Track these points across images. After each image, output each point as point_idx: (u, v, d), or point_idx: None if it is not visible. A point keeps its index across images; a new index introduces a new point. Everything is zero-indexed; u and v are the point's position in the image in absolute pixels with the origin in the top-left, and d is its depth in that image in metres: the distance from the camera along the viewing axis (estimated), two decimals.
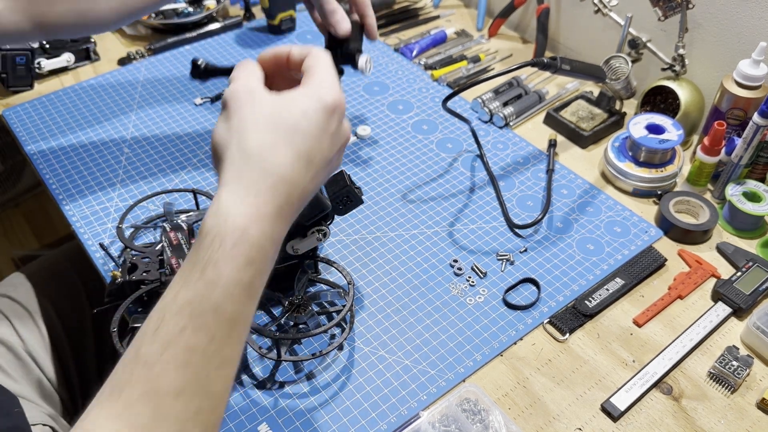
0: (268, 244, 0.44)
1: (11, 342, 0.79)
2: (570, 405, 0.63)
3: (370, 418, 0.61)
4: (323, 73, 0.48)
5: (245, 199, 0.43)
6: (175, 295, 0.41)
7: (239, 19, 1.14)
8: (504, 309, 0.71)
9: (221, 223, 0.42)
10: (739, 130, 0.84)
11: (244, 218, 0.42)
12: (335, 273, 0.72)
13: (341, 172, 0.66)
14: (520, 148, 0.92)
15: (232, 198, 0.43)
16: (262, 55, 0.52)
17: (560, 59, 0.77)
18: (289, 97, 0.46)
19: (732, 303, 0.71)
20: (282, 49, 0.52)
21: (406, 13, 1.18)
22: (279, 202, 0.44)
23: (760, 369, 0.66)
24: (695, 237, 0.78)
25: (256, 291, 0.44)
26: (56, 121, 0.94)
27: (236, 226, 0.42)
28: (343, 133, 0.49)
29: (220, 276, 0.41)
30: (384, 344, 0.68)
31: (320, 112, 0.46)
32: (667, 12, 0.86)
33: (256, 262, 0.43)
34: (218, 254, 0.41)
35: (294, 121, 0.45)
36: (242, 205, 0.42)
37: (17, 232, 1.71)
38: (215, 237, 0.42)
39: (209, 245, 0.42)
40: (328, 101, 0.46)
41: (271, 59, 0.52)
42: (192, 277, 0.41)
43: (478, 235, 0.79)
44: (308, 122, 0.45)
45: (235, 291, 0.42)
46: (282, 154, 0.44)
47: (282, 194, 0.44)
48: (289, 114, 0.45)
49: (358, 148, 0.91)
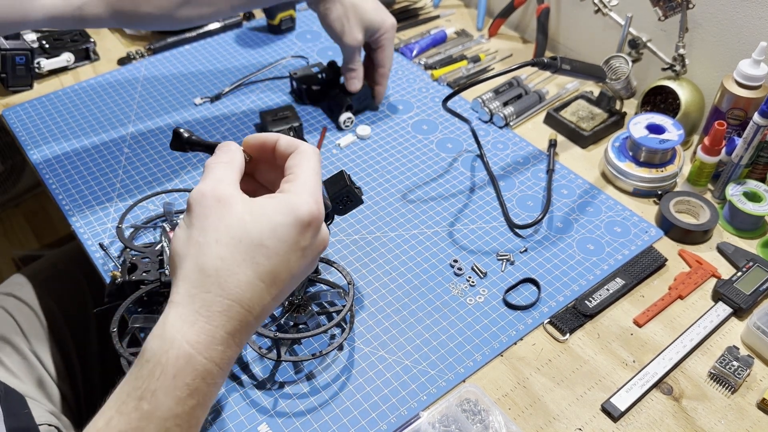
0: (216, 371, 0.40)
1: (17, 342, 0.79)
2: (570, 405, 0.63)
3: (370, 419, 0.61)
4: (304, 178, 0.44)
5: (195, 324, 0.39)
6: (108, 422, 0.39)
7: (239, 19, 1.14)
8: (504, 309, 0.71)
9: (166, 349, 0.39)
10: (740, 130, 0.83)
11: (190, 346, 0.39)
12: (335, 273, 0.72)
13: (341, 172, 0.66)
14: (520, 148, 0.91)
15: (180, 322, 0.40)
16: (248, 140, 0.49)
17: (560, 59, 0.77)
18: (259, 208, 0.42)
19: (732, 303, 0.71)
20: (269, 137, 0.48)
21: (406, 12, 1.18)
22: (233, 327, 0.41)
23: (760, 369, 0.66)
24: (695, 237, 0.78)
25: (197, 421, 0.41)
26: (56, 121, 0.94)
27: (181, 354, 0.39)
28: (317, 245, 0.45)
29: (157, 408, 0.38)
30: (384, 344, 0.67)
31: (291, 227, 0.42)
32: (667, 12, 0.86)
33: (199, 393, 0.40)
34: (157, 383, 0.39)
35: (260, 238, 0.41)
36: (191, 331, 0.39)
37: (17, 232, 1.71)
38: (156, 364, 0.39)
39: (149, 373, 0.39)
40: (302, 216, 0.42)
41: (257, 146, 0.49)
42: (127, 406, 0.39)
43: (478, 235, 0.79)
44: (276, 239, 0.41)
45: (171, 424, 0.39)
46: (242, 274, 0.41)
47: (237, 319, 0.41)
48: (256, 230, 0.41)
49: (358, 148, 0.91)
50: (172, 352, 0.39)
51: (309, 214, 0.43)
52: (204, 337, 0.39)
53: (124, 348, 0.61)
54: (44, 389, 0.79)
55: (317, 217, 0.43)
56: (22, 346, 0.79)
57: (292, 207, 0.42)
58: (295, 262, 0.43)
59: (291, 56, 1.07)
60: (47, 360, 0.80)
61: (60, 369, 0.81)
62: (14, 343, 0.79)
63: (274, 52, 1.08)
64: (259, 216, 0.42)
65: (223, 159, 0.45)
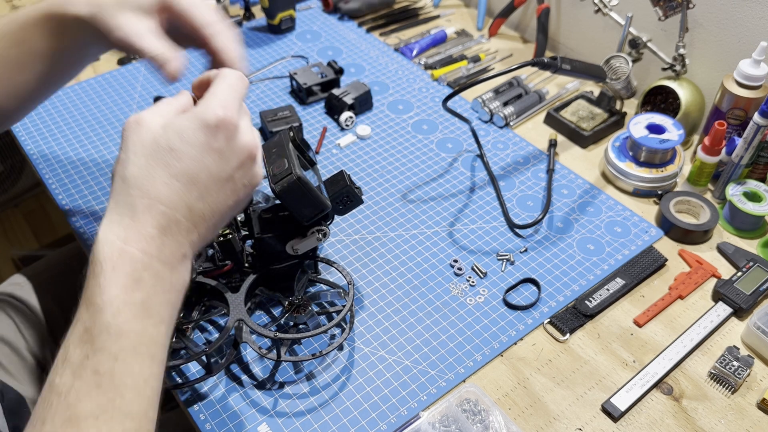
0: (158, 264, 0.44)
1: (15, 343, 0.79)
2: (570, 405, 0.63)
3: (370, 419, 0.61)
4: (216, 90, 0.47)
5: (121, 223, 0.43)
6: (74, 326, 0.42)
7: (239, 19, 1.14)
8: (504, 309, 0.71)
9: (101, 250, 0.42)
10: (740, 129, 0.83)
11: (121, 240, 0.43)
12: (335, 273, 0.72)
13: (341, 172, 0.66)
14: (521, 148, 0.91)
15: (109, 225, 0.43)
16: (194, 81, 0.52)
17: (560, 59, 0.77)
18: (171, 122, 0.46)
19: (732, 303, 0.70)
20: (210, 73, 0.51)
21: (406, 12, 1.18)
22: (159, 223, 0.44)
23: (760, 369, 0.66)
24: (696, 237, 0.78)
25: (156, 311, 0.44)
26: (56, 121, 0.94)
27: (114, 249, 0.42)
28: (238, 149, 0.47)
29: (106, 299, 0.42)
30: (384, 344, 0.67)
31: (198, 130, 0.45)
32: (667, 12, 0.86)
33: (145, 282, 0.43)
34: (101, 279, 0.42)
35: (168, 144, 0.45)
36: (118, 229, 0.43)
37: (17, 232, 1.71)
38: (95, 264, 0.42)
39: (92, 273, 0.42)
40: (207, 118, 0.45)
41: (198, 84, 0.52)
42: (83, 306, 0.42)
43: (478, 235, 0.79)
44: (184, 143, 0.45)
45: (125, 310, 0.42)
46: (157, 177, 0.44)
47: (161, 215, 0.44)
48: (165, 138, 0.45)
49: (358, 148, 0.91)
50: (106, 249, 0.42)
51: (214, 116, 0.45)
52: (133, 233, 0.43)
53: None
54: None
55: (224, 119, 0.46)
56: (21, 347, 0.79)
57: (198, 113, 0.46)
58: (213, 163, 0.46)
59: (291, 56, 1.07)
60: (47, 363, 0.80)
61: None
62: (13, 344, 0.79)
63: (273, 52, 1.08)
64: (169, 127, 0.45)
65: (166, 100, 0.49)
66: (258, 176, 0.50)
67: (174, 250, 0.45)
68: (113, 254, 0.42)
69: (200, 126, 0.45)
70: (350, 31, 1.14)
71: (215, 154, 0.46)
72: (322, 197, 0.63)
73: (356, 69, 1.05)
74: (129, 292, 0.42)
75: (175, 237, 0.45)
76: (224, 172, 0.47)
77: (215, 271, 0.66)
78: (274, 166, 0.62)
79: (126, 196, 0.44)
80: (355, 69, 1.05)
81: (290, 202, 0.61)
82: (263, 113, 0.91)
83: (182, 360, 0.61)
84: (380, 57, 1.08)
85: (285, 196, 0.61)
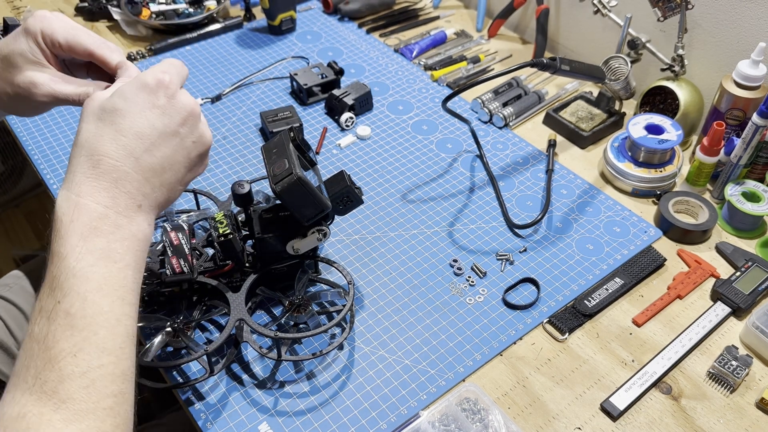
0: (114, 214, 0.47)
1: (6, 342, 0.79)
2: (569, 404, 0.63)
3: (370, 418, 0.62)
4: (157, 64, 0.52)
5: (74, 180, 0.47)
6: (44, 279, 0.45)
7: (240, 20, 1.14)
8: (504, 309, 0.71)
9: (59, 207, 0.46)
10: (738, 130, 0.84)
11: (75, 195, 0.46)
12: (335, 273, 0.72)
13: (341, 172, 0.66)
14: (520, 149, 0.92)
15: (66, 186, 0.47)
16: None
17: (560, 60, 0.77)
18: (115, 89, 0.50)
19: (731, 303, 0.71)
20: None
21: (405, 13, 1.19)
22: (110, 175, 0.47)
23: (759, 369, 0.66)
24: (694, 237, 0.79)
25: (120, 256, 0.47)
26: (57, 122, 0.94)
27: (71, 203, 0.46)
28: (180, 106, 0.50)
29: (68, 247, 0.45)
30: (384, 344, 0.68)
31: (138, 89, 0.49)
32: (666, 12, 0.86)
33: (103, 230, 0.46)
34: (62, 231, 0.45)
35: (113, 106, 0.48)
36: (72, 185, 0.47)
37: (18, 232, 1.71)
38: (56, 222, 0.46)
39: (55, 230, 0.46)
40: (148, 80, 0.49)
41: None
42: (50, 260, 0.46)
43: (478, 235, 0.79)
44: (125, 101, 0.48)
45: (87, 255, 0.45)
46: (105, 135, 0.48)
47: (111, 168, 0.47)
48: (112, 102, 0.49)
49: (358, 149, 0.91)
50: (63, 205, 0.46)
51: (153, 78, 0.49)
52: (86, 187, 0.46)
53: None
54: None
55: (162, 79, 0.49)
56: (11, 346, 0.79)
57: (139, 77, 0.50)
58: (156, 118, 0.49)
59: (291, 57, 1.07)
60: None
61: None
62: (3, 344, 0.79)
63: (274, 53, 1.08)
64: (114, 93, 0.49)
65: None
66: (205, 135, 0.53)
67: (127, 201, 0.48)
68: (70, 208, 0.45)
69: (141, 86, 0.49)
70: (350, 32, 1.14)
71: (157, 110, 0.49)
72: (323, 197, 0.63)
73: (356, 70, 1.05)
74: (89, 239, 0.45)
75: (126, 188, 0.48)
76: (168, 127, 0.49)
77: (216, 271, 0.67)
78: (275, 167, 0.62)
79: (79, 158, 0.47)
80: (355, 70, 1.05)
81: (291, 202, 0.62)
82: (264, 113, 0.91)
83: (183, 359, 0.61)
84: (380, 58, 1.08)
85: (285, 196, 0.61)
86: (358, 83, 0.96)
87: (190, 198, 0.82)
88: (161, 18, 1.11)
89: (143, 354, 0.61)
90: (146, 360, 0.61)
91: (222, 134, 0.93)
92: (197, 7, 1.13)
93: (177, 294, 0.67)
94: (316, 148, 0.91)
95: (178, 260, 0.65)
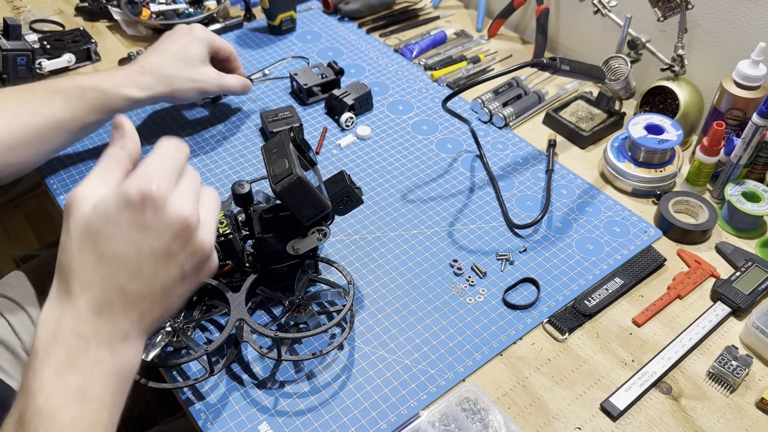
0: (95, 347, 0.43)
1: (9, 341, 0.79)
2: (569, 404, 0.63)
3: (370, 418, 0.62)
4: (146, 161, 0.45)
5: (57, 307, 0.44)
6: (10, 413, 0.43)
7: (239, 20, 1.14)
8: (503, 309, 0.71)
9: (38, 334, 0.43)
10: (738, 130, 0.84)
11: (55, 324, 0.43)
12: (335, 273, 0.72)
13: (341, 172, 0.66)
14: (520, 149, 0.92)
15: (47, 309, 0.44)
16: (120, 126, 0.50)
17: (560, 60, 0.77)
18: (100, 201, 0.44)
19: (731, 303, 0.71)
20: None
21: (406, 13, 1.19)
22: (92, 304, 0.43)
23: (759, 368, 0.66)
24: (694, 237, 0.79)
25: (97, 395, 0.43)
26: None
27: (49, 333, 0.43)
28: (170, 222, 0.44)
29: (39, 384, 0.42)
30: (384, 344, 0.68)
31: (124, 209, 0.43)
32: (666, 12, 0.86)
33: (81, 366, 0.42)
34: (36, 362, 0.42)
35: (98, 226, 0.44)
36: (54, 312, 0.43)
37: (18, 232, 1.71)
38: (33, 349, 0.43)
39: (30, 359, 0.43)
40: (131, 195, 0.43)
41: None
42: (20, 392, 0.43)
43: (478, 235, 0.79)
44: (110, 224, 0.43)
45: (58, 394, 0.41)
46: (88, 260, 0.44)
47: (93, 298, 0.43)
48: (95, 220, 0.44)
49: (358, 149, 0.91)
50: (41, 333, 0.43)
51: (138, 192, 0.43)
52: (67, 316, 0.43)
53: None
54: None
55: (148, 193, 0.43)
56: (15, 346, 0.79)
57: (123, 190, 0.43)
58: (142, 241, 0.44)
59: (291, 57, 1.07)
60: None
61: None
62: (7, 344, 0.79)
63: (274, 53, 1.08)
64: (98, 208, 0.44)
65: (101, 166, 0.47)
66: (203, 244, 0.47)
67: (111, 331, 0.44)
68: (48, 338, 0.42)
69: (125, 204, 0.43)
70: (350, 32, 1.14)
71: (143, 230, 0.44)
72: (323, 197, 0.63)
73: (356, 70, 1.06)
74: (63, 375, 0.42)
75: (111, 318, 0.44)
76: (157, 248, 0.44)
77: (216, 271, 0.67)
78: (275, 167, 0.62)
79: (62, 279, 0.44)
80: (355, 70, 1.05)
81: (291, 202, 0.62)
82: (264, 113, 0.91)
83: (183, 359, 0.61)
84: (380, 58, 1.08)
85: (285, 196, 0.61)
86: (358, 83, 0.96)
87: None
88: (161, 18, 1.11)
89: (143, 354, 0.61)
90: (146, 360, 0.61)
91: (222, 134, 0.93)
92: (197, 7, 1.13)
93: None
94: (316, 148, 0.91)
95: None
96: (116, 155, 0.47)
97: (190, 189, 0.47)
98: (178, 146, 0.47)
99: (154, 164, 0.45)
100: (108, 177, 0.46)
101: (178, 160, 0.47)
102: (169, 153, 0.46)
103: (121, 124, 0.48)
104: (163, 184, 0.44)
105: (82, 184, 0.45)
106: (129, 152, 0.48)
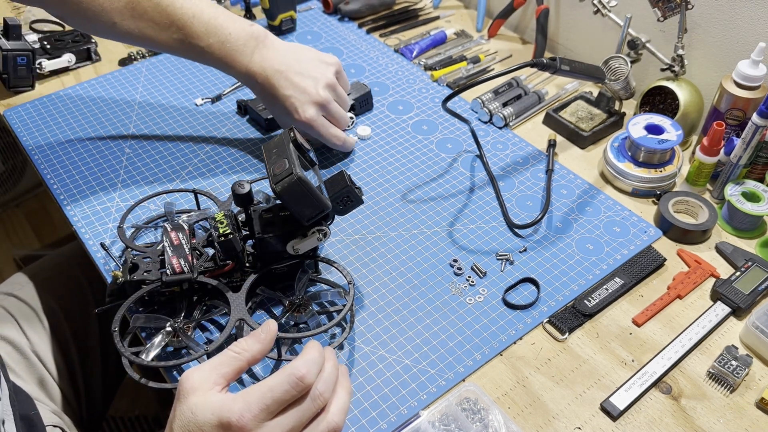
0: None
1: (18, 342, 0.79)
2: (569, 404, 0.63)
3: (370, 418, 0.62)
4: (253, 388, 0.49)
5: None
6: None
7: None
8: (504, 309, 0.71)
9: None
10: (738, 130, 0.84)
11: None
12: (335, 273, 0.72)
13: (341, 172, 0.66)
14: (520, 149, 0.92)
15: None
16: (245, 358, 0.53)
17: (560, 60, 0.77)
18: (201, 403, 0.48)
19: (731, 303, 0.71)
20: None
21: (406, 13, 1.19)
22: None
23: (759, 368, 0.66)
24: (694, 237, 0.79)
25: None
26: (57, 122, 0.94)
27: None
28: None
29: None
30: (384, 344, 0.68)
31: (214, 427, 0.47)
32: (666, 12, 0.86)
33: None
34: None
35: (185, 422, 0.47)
36: None
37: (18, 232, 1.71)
38: None
39: None
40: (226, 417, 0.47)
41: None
42: None
43: (478, 235, 0.79)
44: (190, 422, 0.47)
45: None
46: None
47: None
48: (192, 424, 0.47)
49: (358, 148, 0.91)
50: None
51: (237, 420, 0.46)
52: None
53: (126, 347, 0.61)
54: (46, 389, 0.79)
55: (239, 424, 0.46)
56: (24, 346, 0.80)
57: (222, 408, 0.47)
58: None
59: None
60: (48, 360, 0.81)
61: (61, 368, 0.81)
62: (16, 344, 0.79)
63: None
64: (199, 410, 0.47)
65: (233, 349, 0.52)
66: None
67: None
68: None
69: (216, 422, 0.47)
70: (350, 32, 1.14)
71: None
72: (323, 197, 0.63)
73: (356, 70, 1.06)
74: None
75: None
76: None
77: (216, 270, 0.67)
78: (275, 166, 0.62)
79: None
80: (355, 70, 1.05)
81: (291, 202, 0.62)
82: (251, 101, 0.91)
83: (183, 359, 0.61)
84: (380, 58, 1.08)
85: (285, 196, 0.61)
86: (358, 83, 0.96)
87: (190, 198, 0.82)
88: None
89: (143, 354, 0.61)
90: (146, 360, 0.61)
91: (222, 134, 0.93)
92: None
93: (177, 294, 0.67)
94: None
95: (178, 260, 0.65)
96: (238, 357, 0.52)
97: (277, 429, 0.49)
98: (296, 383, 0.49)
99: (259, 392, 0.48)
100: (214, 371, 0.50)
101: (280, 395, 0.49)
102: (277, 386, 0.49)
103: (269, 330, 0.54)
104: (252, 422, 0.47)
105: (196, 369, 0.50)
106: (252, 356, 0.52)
